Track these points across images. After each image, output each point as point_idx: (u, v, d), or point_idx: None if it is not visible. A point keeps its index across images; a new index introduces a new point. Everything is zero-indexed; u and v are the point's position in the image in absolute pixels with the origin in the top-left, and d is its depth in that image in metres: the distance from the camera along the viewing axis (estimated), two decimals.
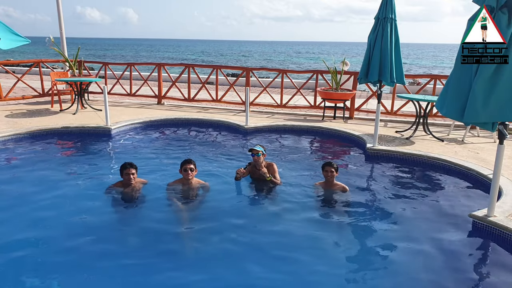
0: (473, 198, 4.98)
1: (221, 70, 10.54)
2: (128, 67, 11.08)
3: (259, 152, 5.13)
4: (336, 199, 4.82)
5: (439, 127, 8.55)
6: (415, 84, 15.31)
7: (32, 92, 10.52)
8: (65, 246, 3.70)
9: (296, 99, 11.12)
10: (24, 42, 8.04)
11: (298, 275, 3.39)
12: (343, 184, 4.99)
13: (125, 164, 4.76)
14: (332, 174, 4.88)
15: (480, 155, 6.41)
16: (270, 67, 27.39)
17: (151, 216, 4.37)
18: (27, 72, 10.68)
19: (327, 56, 52.98)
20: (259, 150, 5.15)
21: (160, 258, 3.56)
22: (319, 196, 4.90)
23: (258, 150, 5.14)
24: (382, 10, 6.35)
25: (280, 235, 4.03)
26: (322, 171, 4.97)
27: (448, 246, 3.82)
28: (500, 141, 3.85)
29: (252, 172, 5.29)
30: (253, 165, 5.26)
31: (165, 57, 68.73)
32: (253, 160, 5.22)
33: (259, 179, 5.21)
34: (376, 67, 6.50)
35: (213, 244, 3.82)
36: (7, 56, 38.84)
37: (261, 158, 5.18)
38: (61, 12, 10.91)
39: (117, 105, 10.26)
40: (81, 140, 7.20)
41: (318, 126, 8.23)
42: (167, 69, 10.94)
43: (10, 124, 7.67)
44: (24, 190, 4.91)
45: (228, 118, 8.77)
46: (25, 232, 3.92)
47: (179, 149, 6.83)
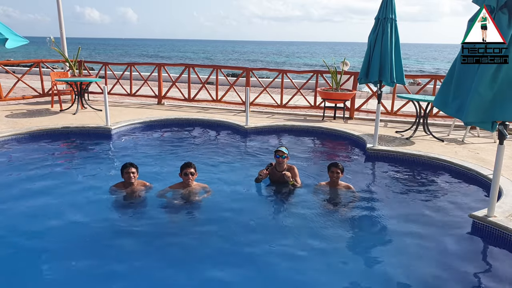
0: (473, 198, 4.98)
1: (221, 70, 10.54)
2: (128, 67, 11.08)
3: (285, 154, 4.97)
4: (341, 198, 4.83)
5: (439, 127, 8.55)
6: (415, 84, 15.32)
7: (32, 92, 10.52)
8: (65, 246, 3.70)
9: (296, 99, 11.12)
10: (23, 42, 8.06)
11: (305, 273, 3.40)
12: (347, 183, 5.00)
13: (125, 164, 4.77)
14: (338, 175, 4.86)
15: (480, 155, 6.41)
16: (270, 67, 27.40)
17: (151, 217, 4.36)
18: (27, 72, 10.69)
19: (326, 57, 52.96)
20: (285, 152, 4.99)
21: (160, 260, 3.56)
22: (324, 196, 4.89)
23: (284, 152, 4.96)
24: (382, 10, 6.35)
25: (287, 235, 4.03)
26: (328, 171, 4.94)
27: (448, 246, 3.82)
28: (500, 141, 3.85)
29: (271, 173, 5.10)
30: (274, 167, 5.10)
31: (165, 56, 68.71)
32: (276, 162, 5.04)
33: (278, 181, 5.05)
34: (376, 67, 6.50)
35: (216, 246, 3.82)
36: (7, 56, 38.85)
37: (285, 161, 5.03)
38: (61, 12, 10.91)
39: (117, 105, 10.26)
40: (81, 140, 7.21)
41: (318, 126, 8.23)
42: (167, 69, 10.95)
43: (10, 124, 7.67)
44: (24, 190, 4.91)
45: (228, 118, 8.77)
46: (24, 232, 3.92)
47: (179, 149, 6.83)
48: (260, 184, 5.16)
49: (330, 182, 4.97)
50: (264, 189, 5.11)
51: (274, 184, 5.10)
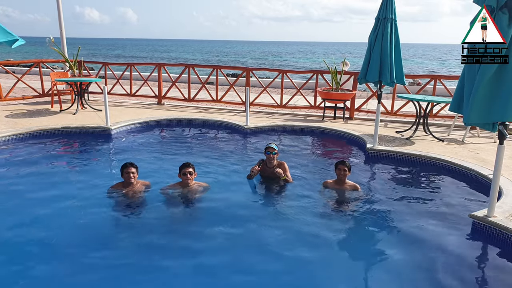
0: (473, 198, 4.98)
1: (221, 70, 10.54)
2: (128, 67, 11.08)
3: (275, 151, 5.15)
4: (347, 198, 4.84)
5: (439, 127, 8.55)
6: (415, 84, 15.32)
7: (32, 92, 10.52)
8: (65, 247, 3.70)
9: (296, 99, 11.12)
10: (21, 42, 8.08)
11: (309, 272, 3.40)
12: (354, 183, 5.01)
13: (125, 163, 4.77)
14: (345, 173, 4.90)
15: (480, 155, 6.41)
16: (270, 67, 27.41)
17: (151, 217, 4.36)
18: (27, 72, 10.69)
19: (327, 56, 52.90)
20: (275, 148, 5.16)
21: (161, 259, 3.56)
22: (329, 195, 4.91)
23: (274, 149, 5.14)
24: (382, 10, 6.35)
25: (289, 233, 4.04)
26: (335, 170, 5.00)
27: (448, 247, 3.82)
28: (500, 141, 3.85)
29: (262, 170, 5.26)
30: (264, 163, 5.25)
31: (164, 57, 68.68)
32: (267, 158, 5.21)
33: (269, 177, 5.20)
34: (376, 67, 6.50)
35: (216, 245, 3.82)
36: (7, 56, 38.84)
37: (275, 157, 5.20)
38: (61, 12, 10.91)
39: (117, 105, 10.27)
40: (81, 141, 7.21)
41: (318, 126, 8.23)
42: (167, 69, 10.95)
43: (10, 124, 7.67)
44: (24, 190, 4.91)
45: (228, 118, 8.77)
46: (24, 232, 3.91)
47: (179, 149, 6.83)
48: (258, 183, 5.20)
49: (336, 180, 5.01)
50: (263, 188, 5.13)
51: (266, 179, 5.23)
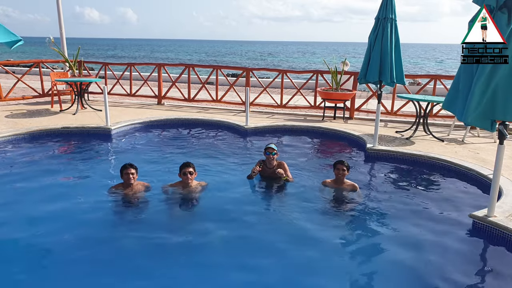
0: (473, 198, 4.97)
1: (221, 70, 10.54)
2: (128, 67, 11.08)
3: (274, 151, 5.18)
4: (346, 198, 4.84)
5: (439, 127, 8.55)
6: (415, 84, 15.32)
7: (32, 92, 10.52)
8: (64, 247, 3.70)
9: (296, 99, 11.12)
10: (20, 43, 8.09)
11: (309, 270, 3.41)
12: (353, 182, 5.01)
13: (125, 165, 4.76)
14: (344, 173, 4.90)
15: (480, 155, 6.41)
16: (270, 67, 27.40)
17: (151, 218, 4.36)
18: (27, 72, 10.69)
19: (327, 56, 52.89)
20: (275, 149, 5.19)
21: (161, 259, 3.56)
22: (328, 194, 4.91)
23: (274, 149, 5.18)
24: (382, 10, 6.35)
25: (288, 232, 4.04)
26: (334, 169, 4.99)
27: (448, 247, 3.82)
28: (500, 141, 3.85)
29: (262, 170, 5.28)
30: (264, 164, 5.27)
31: (164, 57, 68.69)
32: (267, 159, 5.23)
33: (269, 177, 5.22)
34: (376, 67, 6.50)
35: (216, 244, 3.82)
36: (7, 56, 38.86)
37: (275, 157, 5.23)
38: (61, 12, 10.91)
39: (117, 105, 10.26)
40: (81, 141, 7.20)
41: (318, 126, 8.23)
42: (167, 69, 10.95)
43: (10, 124, 7.67)
44: (24, 190, 4.91)
45: (228, 118, 8.77)
46: (24, 232, 3.92)
47: (179, 149, 6.83)
48: (259, 183, 5.21)
49: (335, 179, 5.01)
50: (263, 188, 5.14)
51: (266, 179, 5.24)
